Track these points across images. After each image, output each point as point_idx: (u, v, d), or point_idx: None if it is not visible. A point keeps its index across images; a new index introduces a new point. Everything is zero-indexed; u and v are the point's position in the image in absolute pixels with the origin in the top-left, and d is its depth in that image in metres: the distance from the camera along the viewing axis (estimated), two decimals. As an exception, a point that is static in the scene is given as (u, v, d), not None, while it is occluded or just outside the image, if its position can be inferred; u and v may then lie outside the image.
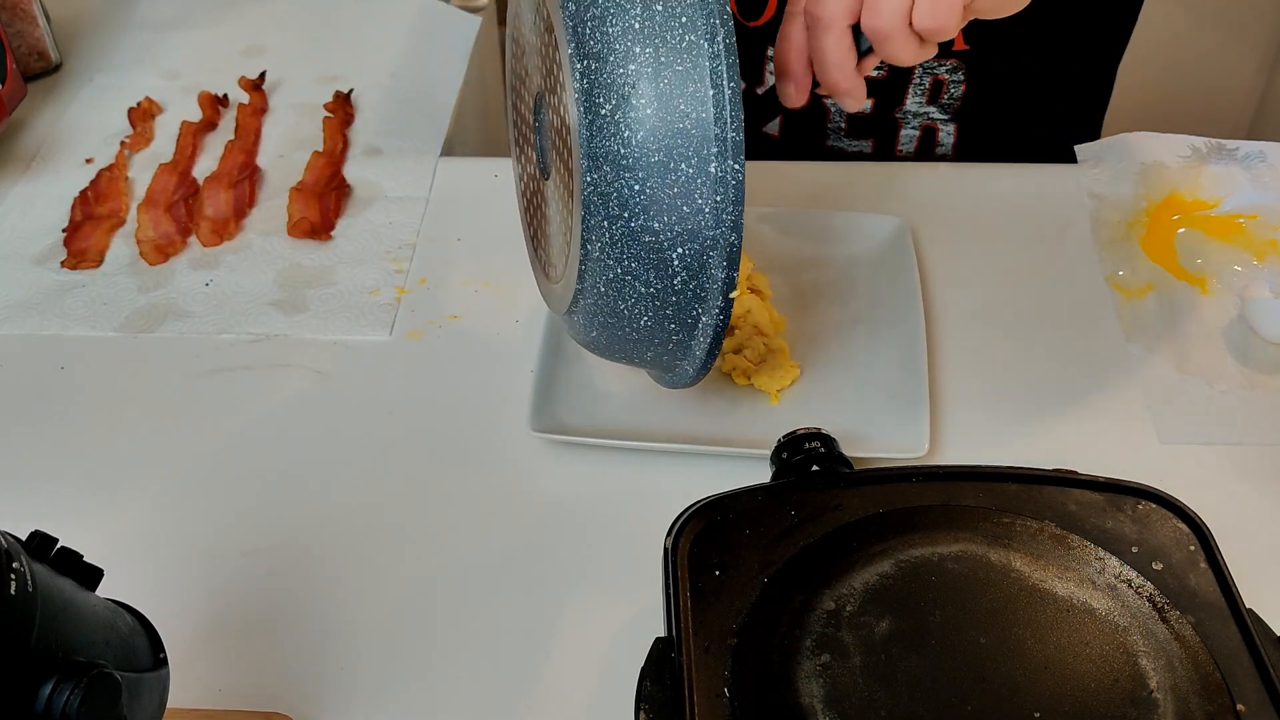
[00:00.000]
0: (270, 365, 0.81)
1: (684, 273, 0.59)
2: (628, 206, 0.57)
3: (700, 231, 0.57)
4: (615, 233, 0.58)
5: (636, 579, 0.66)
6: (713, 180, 0.56)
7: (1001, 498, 0.59)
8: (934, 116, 0.96)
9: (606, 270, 0.60)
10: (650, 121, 0.56)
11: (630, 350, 0.65)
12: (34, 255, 0.90)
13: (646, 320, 0.62)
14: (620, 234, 0.58)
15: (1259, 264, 0.84)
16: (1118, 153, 0.92)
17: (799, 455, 0.63)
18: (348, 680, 0.63)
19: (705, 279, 0.59)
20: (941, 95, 0.94)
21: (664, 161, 0.56)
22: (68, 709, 0.40)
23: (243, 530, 0.70)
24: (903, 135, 0.97)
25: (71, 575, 0.45)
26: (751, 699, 0.52)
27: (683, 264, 0.58)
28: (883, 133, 0.96)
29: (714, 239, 0.57)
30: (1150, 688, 0.51)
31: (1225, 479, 0.72)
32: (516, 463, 0.74)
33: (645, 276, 0.59)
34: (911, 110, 0.95)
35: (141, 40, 1.13)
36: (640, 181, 0.57)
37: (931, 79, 0.93)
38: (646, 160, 0.56)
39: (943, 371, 0.78)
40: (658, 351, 0.64)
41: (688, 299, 0.60)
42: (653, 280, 0.59)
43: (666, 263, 0.58)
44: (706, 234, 0.57)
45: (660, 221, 0.57)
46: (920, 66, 0.92)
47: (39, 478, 0.74)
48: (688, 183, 0.57)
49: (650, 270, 0.59)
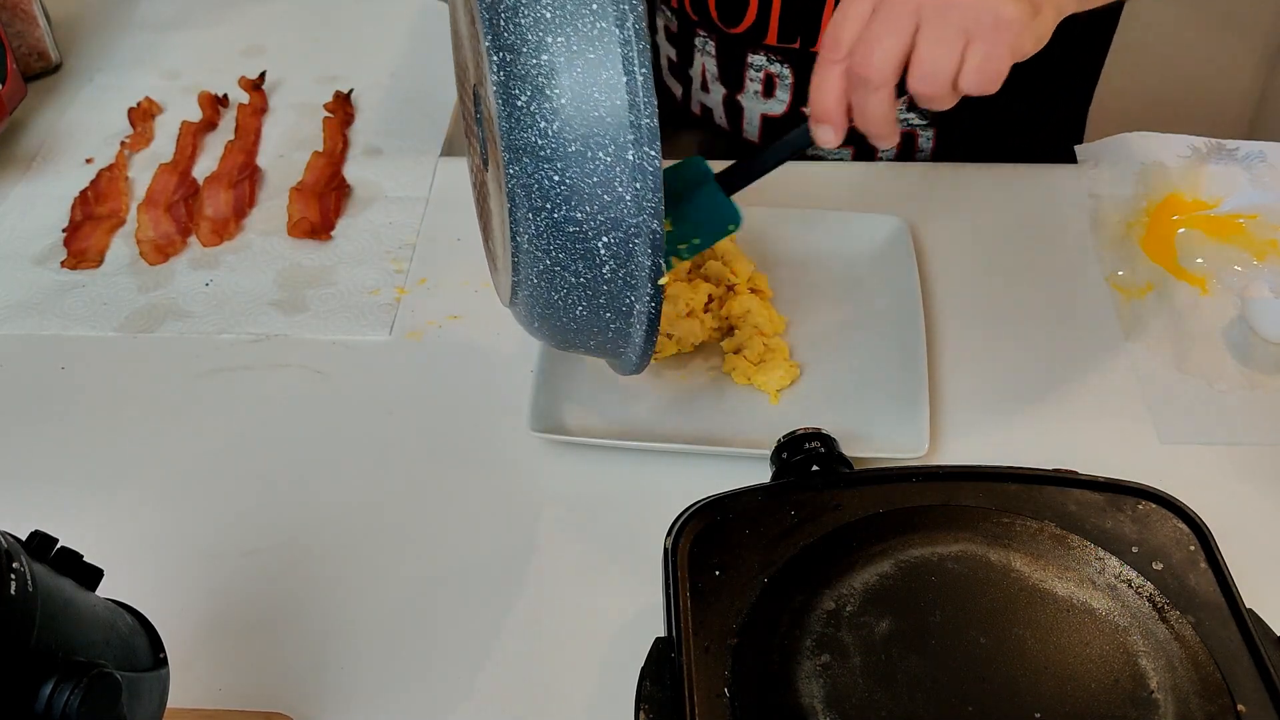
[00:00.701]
0: (270, 365, 0.81)
1: (611, 261, 0.59)
2: (549, 197, 0.57)
3: (623, 219, 0.57)
4: (540, 224, 0.58)
5: (636, 579, 0.66)
6: (631, 167, 0.56)
7: (1001, 498, 0.59)
8: (913, 123, 0.96)
9: (536, 262, 0.60)
10: (565, 111, 0.56)
11: (573, 339, 0.65)
12: (34, 255, 0.90)
13: (581, 310, 0.61)
14: (545, 225, 0.58)
15: (1259, 264, 0.84)
16: (1118, 153, 0.92)
17: (799, 455, 0.63)
18: (348, 680, 0.63)
19: (634, 266, 0.59)
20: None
21: (581, 151, 0.56)
22: (68, 709, 0.40)
23: (243, 530, 0.70)
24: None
25: (71, 575, 0.45)
26: (751, 699, 0.52)
27: (609, 253, 0.58)
28: (862, 139, 0.96)
29: (637, 226, 0.57)
30: (1150, 688, 0.51)
31: (1225, 479, 0.72)
32: (516, 463, 0.74)
33: (574, 267, 0.59)
34: None
35: (141, 40, 1.13)
36: (559, 172, 0.57)
37: None
38: (564, 150, 0.56)
39: (943, 371, 0.78)
40: (599, 340, 0.64)
41: (619, 287, 0.60)
42: (581, 270, 0.59)
43: (593, 252, 0.58)
44: (629, 221, 0.57)
45: (583, 211, 0.57)
46: None
47: (39, 478, 0.74)
48: (606, 171, 0.56)
49: (578, 260, 0.59)
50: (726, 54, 0.97)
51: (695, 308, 0.80)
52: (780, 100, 0.97)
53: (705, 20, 0.96)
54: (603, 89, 0.56)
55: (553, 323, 0.64)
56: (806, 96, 0.93)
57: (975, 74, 0.60)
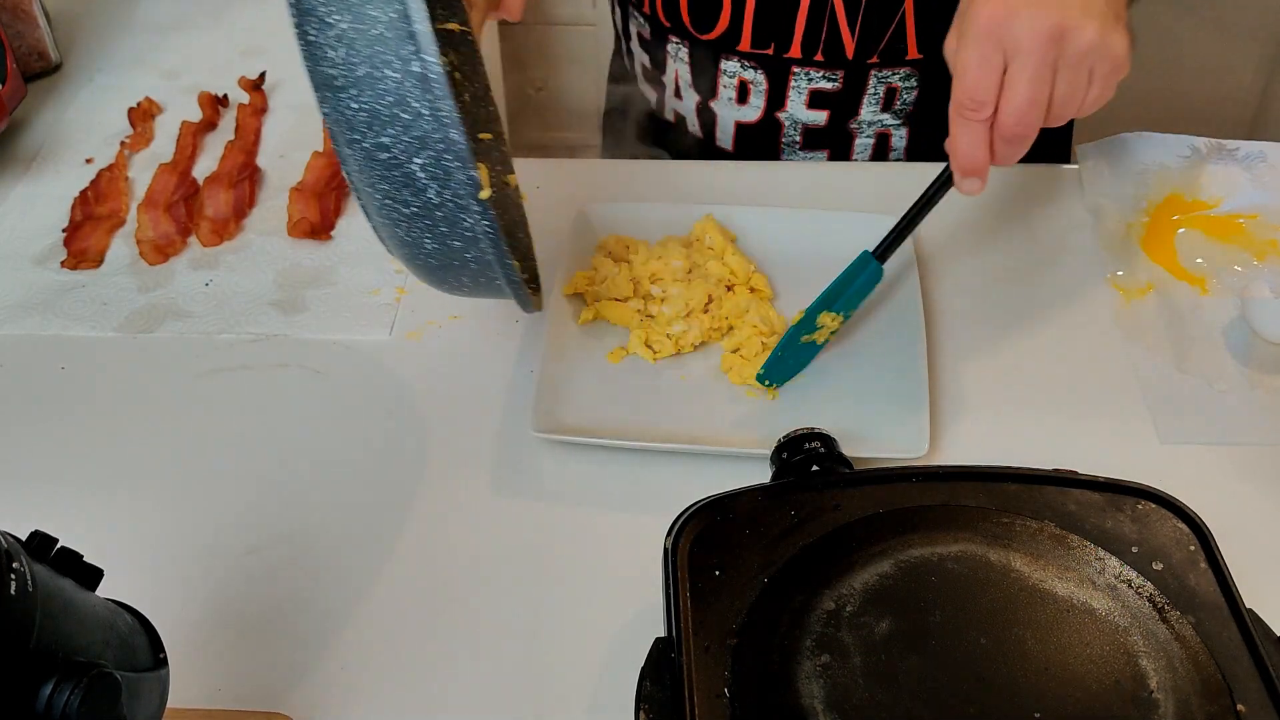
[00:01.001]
0: (270, 365, 0.81)
1: (434, 184, 0.57)
2: (354, 127, 0.56)
3: (428, 137, 0.56)
4: (358, 157, 0.57)
5: (636, 579, 0.66)
6: (418, 79, 0.55)
7: (1001, 498, 0.59)
8: (887, 123, 0.96)
9: (371, 199, 0.59)
10: (348, 35, 0.55)
11: (447, 278, 0.64)
12: (34, 255, 0.90)
13: (430, 243, 0.60)
14: (362, 157, 0.57)
15: (1259, 264, 0.84)
16: (1118, 153, 0.93)
17: (799, 455, 0.63)
18: (348, 680, 0.63)
19: (455, 185, 0.57)
20: (895, 102, 0.94)
21: (370, 73, 0.55)
22: (68, 709, 0.40)
23: (243, 530, 0.71)
24: (857, 144, 0.97)
25: (71, 575, 0.45)
26: (751, 699, 0.52)
27: (428, 175, 0.57)
28: (837, 144, 0.97)
29: (443, 141, 0.56)
30: (1151, 688, 0.51)
31: (1225, 479, 0.72)
32: (516, 463, 0.74)
33: (402, 196, 0.58)
34: (866, 120, 0.95)
35: (141, 40, 1.13)
36: (355, 99, 0.56)
37: (886, 88, 0.93)
38: (355, 75, 0.55)
39: (943, 371, 0.78)
40: (471, 274, 0.62)
41: (452, 210, 0.58)
42: (409, 199, 0.58)
43: (412, 177, 0.57)
44: (434, 138, 0.56)
45: (389, 135, 0.56)
46: (874, 75, 0.92)
47: (39, 478, 0.74)
48: (398, 89, 0.55)
49: (403, 188, 0.58)
50: (699, 60, 0.96)
51: (694, 308, 0.80)
52: (754, 107, 0.96)
53: (678, 26, 0.95)
54: (377, 5, 0.55)
55: (417, 263, 0.63)
56: (780, 102, 0.94)
57: (1093, 106, 0.66)
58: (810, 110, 0.95)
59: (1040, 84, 0.63)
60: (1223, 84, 1.86)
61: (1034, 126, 0.64)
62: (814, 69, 0.92)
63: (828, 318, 0.77)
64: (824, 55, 0.91)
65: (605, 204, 0.88)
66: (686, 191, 0.93)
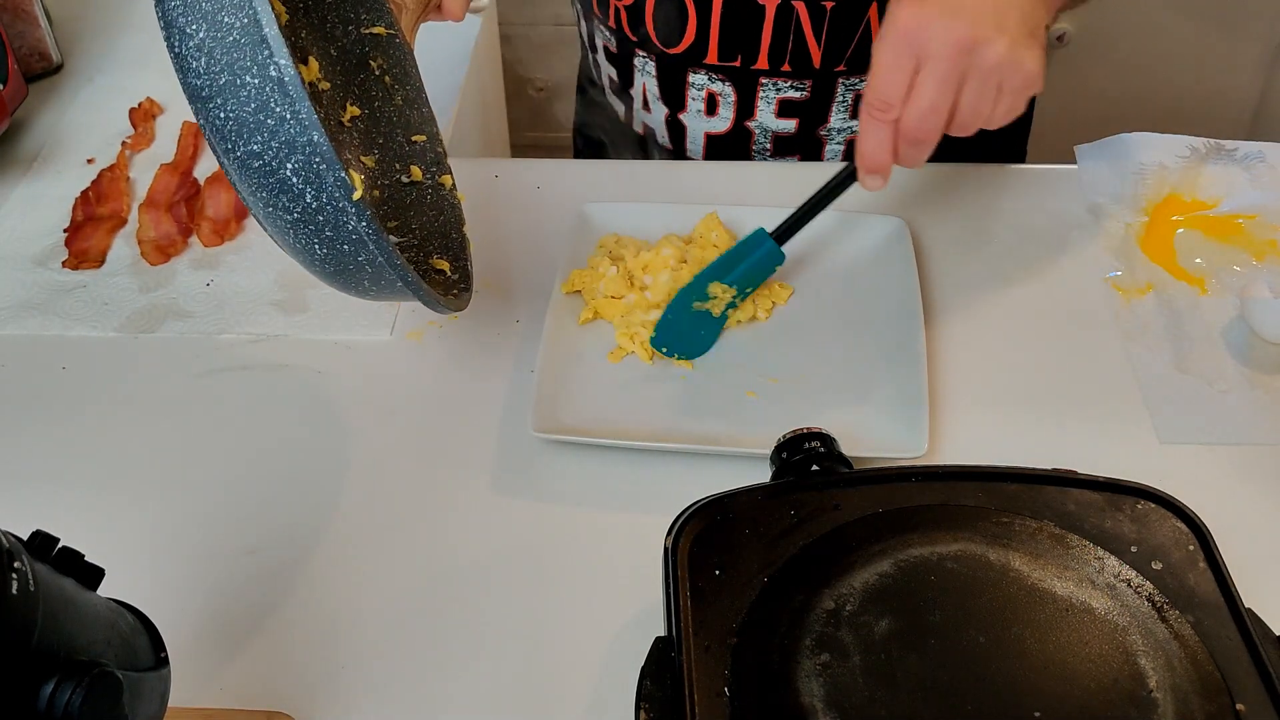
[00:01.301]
0: (271, 365, 0.81)
1: (310, 189, 0.57)
2: (225, 136, 0.56)
3: (294, 140, 0.56)
4: (234, 167, 0.57)
5: (636, 579, 0.66)
6: (276, 84, 0.55)
7: (1001, 498, 0.59)
8: (856, 130, 0.96)
9: (256, 208, 0.58)
10: (207, 44, 0.55)
11: (349, 282, 0.63)
12: (35, 255, 0.90)
13: (320, 249, 0.60)
14: (238, 167, 0.57)
15: (1258, 264, 0.84)
16: (1117, 153, 0.93)
17: (799, 455, 0.64)
18: (349, 679, 0.63)
19: (330, 189, 0.57)
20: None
21: (231, 80, 0.55)
22: (69, 708, 0.40)
23: (244, 529, 0.71)
24: (828, 150, 0.97)
25: (73, 575, 0.45)
26: (751, 698, 0.52)
27: (302, 180, 0.57)
28: (808, 151, 0.97)
29: (308, 144, 0.56)
30: (1150, 687, 0.51)
31: (1225, 479, 0.72)
32: (516, 463, 0.74)
33: (282, 203, 0.58)
34: (835, 127, 0.96)
35: (142, 40, 1.13)
36: (221, 108, 0.56)
37: (854, 94, 0.93)
38: (218, 84, 0.55)
39: (943, 371, 0.78)
40: (372, 278, 0.62)
41: (332, 214, 0.58)
42: (289, 205, 0.58)
43: (287, 184, 0.57)
44: (299, 141, 0.56)
45: (258, 142, 0.56)
46: (842, 83, 0.92)
47: (40, 477, 0.75)
48: (258, 94, 0.55)
49: (281, 195, 0.57)
50: (667, 74, 0.96)
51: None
52: (724, 118, 0.96)
53: (644, 41, 0.95)
54: (231, 11, 0.55)
55: (315, 268, 0.62)
56: (749, 112, 0.94)
57: (1003, 119, 0.67)
58: (780, 119, 0.95)
59: (946, 91, 0.64)
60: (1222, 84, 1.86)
61: (935, 132, 0.66)
62: (781, 79, 0.92)
63: (719, 288, 0.78)
64: (791, 65, 0.91)
65: (605, 204, 0.88)
66: (687, 191, 0.93)
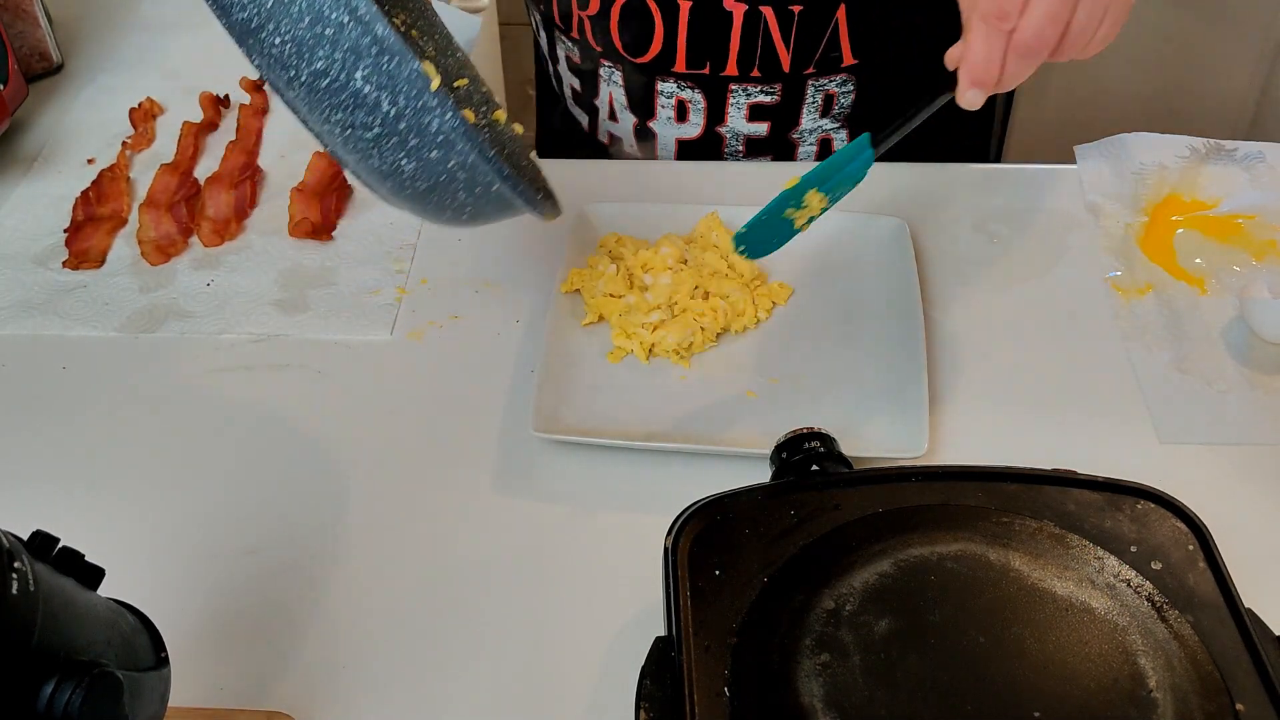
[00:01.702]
0: (271, 365, 0.81)
1: (385, 94, 0.54)
2: (286, 64, 0.54)
3: (358, 43, 0.53)
4: (302, 95, 0.55)
5: (636, 579, 0.66)
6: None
7: (1001, 497, 0.59)
8: (827, 128, 0.96)
9: (334, 139, 0.56)
10: None
11: (446, 202, 0.60)
12: (36, 255, 0.90)
13: (408, 164, 0.57)
14: (305, 94, 0.55)
15: (1258, 264, 0.84)
16: (1117, 153, 0.93)
17: (799, 455, 0.64)
18: (349, 679, 0.63)
19: (405, 86, 0.54)
20: (833, 107, 0.94)
21: (278, 1, 0.53)
22: (70, 708, 0.40)
23: (244, 529, 0.71)
24: (801, 151, 0.97)
25: (73, 575, 0.45)
26: (751, 698, 0.52)
27: (375, 85, 0.54)
28: (780, 152, 0.97)
29: (373, 43, 0.53)
30: (1149, 687, 0.51)
31: (1225, 479, 0.72)
32: (516, 463, 0.74)
33: (360, 120, 0.55)
34: (807, 129, 0.96)
35: (143, 41, 1.13)
36: (275, 34, 0.54)
37: (823, 95, 0.93)
38: (265, 9, 0.54)
39: (943, 371, 0.78)
40: (467, 188, 0.59)
41: (413, 117, 0.55)
42: (368, 120, 0.55)
43: (360, 95, 0.54)
44: (363, 43, 0.53)
45: (321, 58, 0.53)
46: (811, 85, 0.92)
47: (40, 478, 0.75)
48: (310, 5, 0.53)
49: (356, 111, 0.55)
50: (635, 83, 0.95)
51: (680, 296, 0.80)
52: (694, 124, 0.96)
53: (610, 51, 0.94)
54: None
55: (406, 193, 0.59)
56: (720, 118, 0.94)
57: (1101, 43, 0.67)
58: (751, 123, 0.95)
59: (1065, 3, 0.64)
60: (1222, 84, 1.86)
61: (1050, 43, 0.65)
62: (751, 84, 0.92)
63: (815, 196, 0.73)
64: (760, 70, 0.91)
65: (606, 204, 0.88)
66: (687, 191, 0.93)
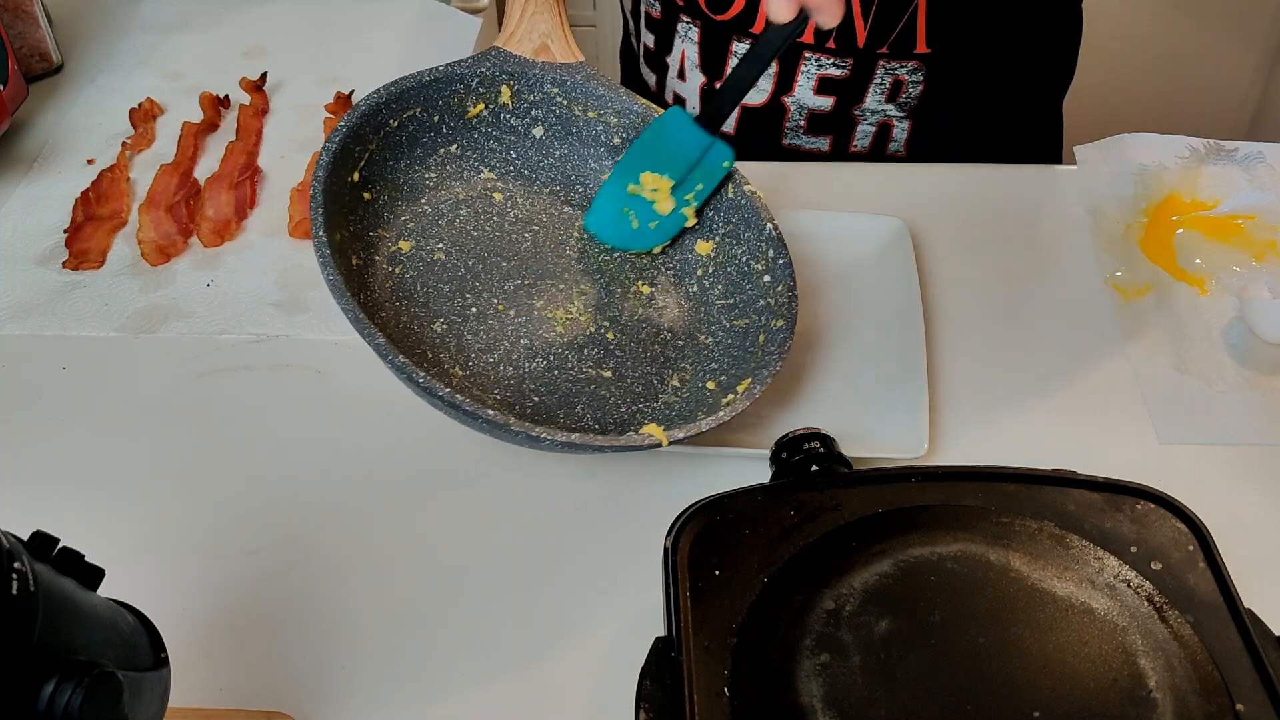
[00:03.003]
0: (271, 365, 0.81)
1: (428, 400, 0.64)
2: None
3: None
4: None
5: (636, 579, 0.66)
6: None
7: (1001, 498, 0.59)
8: (890, 114, 0.97)
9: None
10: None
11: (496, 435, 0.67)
12: (36, 256, 0.90)
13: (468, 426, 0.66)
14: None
15: (1257, 265, 0.84)
16: (1116, 154, 0.93)
17: (799, 455, 0.64)
18: (349, 679, 0.63)
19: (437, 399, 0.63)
20: (900, 94, 0.95)
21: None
22: (69, 708, 0.40)
23: (244, 530, 0.71)
24: (859, 131, 0.98)
25: (73, 575, 0.45)
26: (751, 698, 0.52)
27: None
28: (840, 130, 0.98)
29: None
30: (1149, 687, 0.51)
31: (1224, 479, 0.72)
32: (516, 463, 0.74)
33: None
34: (870, 108, 0.96)
35: (143, 41, 1.13)
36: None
37: (892, 79, 0.94)
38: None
39: (943, 371, 0.78)
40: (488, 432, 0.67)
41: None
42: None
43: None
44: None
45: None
46: (882, 66, 0.93)
47: (40, 478, 0.75)
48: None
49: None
50: (710, 41, 0.96)
51: None
52: (762, 90, 0.97)
53: (691, 6, 0.96)
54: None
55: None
56: (788, 87, 0.94)
57: None
58: (818, 96, 0.95)
59: None
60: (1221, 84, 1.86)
61: None
62: (824, 55, 0.93)
63: (652, 178, 0.76)
64: (835, 43, 0.92)
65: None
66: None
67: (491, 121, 0.79)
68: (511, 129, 0.79)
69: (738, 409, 0.67)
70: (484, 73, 0.77)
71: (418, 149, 0.77)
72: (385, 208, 0.75)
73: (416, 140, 0.77)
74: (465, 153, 0.79)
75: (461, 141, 0.78)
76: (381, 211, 0.75)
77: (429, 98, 0.75)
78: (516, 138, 0.80)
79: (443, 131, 0.77)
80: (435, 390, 0.61)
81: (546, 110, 0.79)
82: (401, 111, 0.75)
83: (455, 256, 0.76)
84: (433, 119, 0.76)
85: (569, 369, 0.72)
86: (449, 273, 0.75)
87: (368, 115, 0.72)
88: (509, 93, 0.78)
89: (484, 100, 0.77)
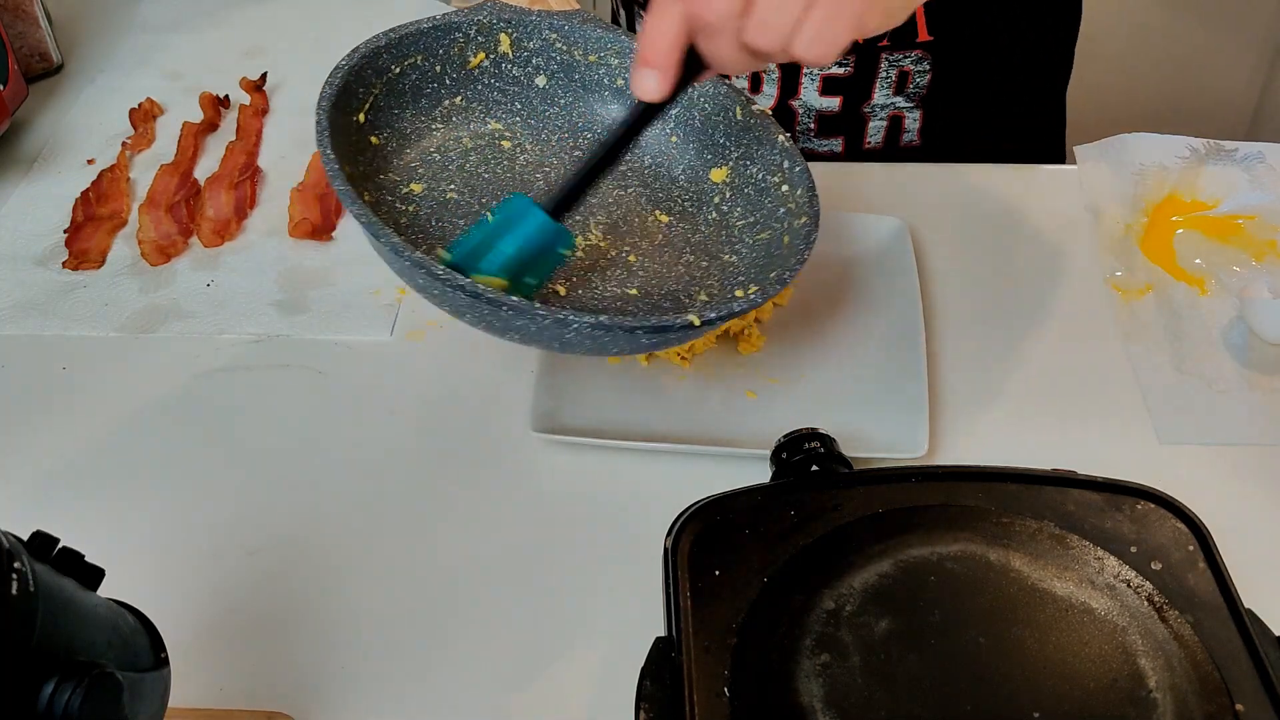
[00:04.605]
0: (271, 365, 0.81)
1: (445, 298, 0.64)
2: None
3: (457, 304, 0.63)
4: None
5: (636, 579, 0.66)
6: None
7: (1001, 498, 0.59)
8: (900, 106, 0.96)
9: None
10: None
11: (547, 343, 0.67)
12: (36, 256, 0.90)
13: (558, 345, 0.65)
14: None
15: (1257, 264, 0.84)
16: (1117, 153, 0.93)
17: (799, 455, 0.64)
18: (349, 679, 0.63)
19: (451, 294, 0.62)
20: (908, 85, 0.94)
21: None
22: (69, 708, 0.40)
23: (244, 530, 0.71)
24: (871, 128, 0.97)
25: (73, 575, 0.45)
26: (751, 698, 0.52)
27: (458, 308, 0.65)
28: (851, 129, 0.97)
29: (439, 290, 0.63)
30: (1149, 687, 0.51)
31: (1224, 479, 0.72)
32: (516, 463, 0.74)
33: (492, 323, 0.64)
34: (879, 104, 0.96)
35: (143, 41, 1.13)
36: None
37: (898, 71, 0.93)
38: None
39: (943, 371, 0.78)
40: (522, 333, 0.65)
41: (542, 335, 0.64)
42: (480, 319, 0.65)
43: (466, 315, 0.66)
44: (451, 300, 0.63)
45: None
46: (885, 59, 0.92)
47: (40, 478, 0.75)
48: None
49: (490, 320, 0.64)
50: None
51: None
52: (768, 95, 0.97)
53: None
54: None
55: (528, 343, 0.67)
56: (793, 90, 0.94)
57: (812, 40, 0.56)
58: (824, 97, 0.95)
59: None
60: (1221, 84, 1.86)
61: (723, 18, 0.56)
62: None
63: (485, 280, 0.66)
64: None
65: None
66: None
67: (494, 72, 0.78)
68: (514, 79, 0.79)
69: (770, 293, 0.66)
70: (481, 21, 0.76)
71: (422, 99, 0.76)
72: (394, 154, 0.75)
73: (420, 90, 0.76)
74: (470, 105, 0.78)
75: (465, 94, 0.78)
76: (390, 157, 0.75)
77: (429, 45, 0.75)
78: (520, 88, 0.79)
79: (445, 83, 0.77)
80: (454, 281, 0.59)
81: (547, 58, 0.79)
82: (403, 58, 0.74)
83: (468, 195, 0.75)
84: (434, 69, 0.76)
85: (593, 289, 0.72)
86: (463, 209, 0.74)
87: (369, 56, 0.72)
88: (508, 41, 0.78)
89: (484, 50, 0.77)
